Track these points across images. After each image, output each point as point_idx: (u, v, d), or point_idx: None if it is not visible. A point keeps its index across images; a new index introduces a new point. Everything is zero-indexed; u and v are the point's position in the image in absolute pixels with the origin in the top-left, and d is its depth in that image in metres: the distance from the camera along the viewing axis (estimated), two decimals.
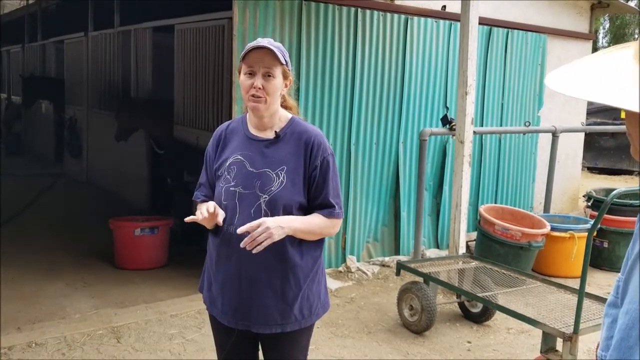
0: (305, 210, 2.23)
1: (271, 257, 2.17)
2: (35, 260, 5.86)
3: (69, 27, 10.71)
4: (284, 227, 2.10)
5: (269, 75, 2.15)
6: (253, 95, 2.15)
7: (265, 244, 2.06)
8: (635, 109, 0.79)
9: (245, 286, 2.19)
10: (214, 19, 6.21)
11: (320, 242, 2.31)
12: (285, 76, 2.21)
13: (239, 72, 2.23)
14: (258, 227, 2.05)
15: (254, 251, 2.06)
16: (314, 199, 2.22)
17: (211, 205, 2.15)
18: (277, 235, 2.08)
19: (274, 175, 2.17)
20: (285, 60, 2.19)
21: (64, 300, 4.93)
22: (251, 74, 2.16)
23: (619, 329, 0.94)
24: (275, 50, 2.14)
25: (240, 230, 2.06)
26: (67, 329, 4.30)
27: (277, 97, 2.20)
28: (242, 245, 2.06)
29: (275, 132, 2.24)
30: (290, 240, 2.18)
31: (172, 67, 7.16)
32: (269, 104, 2.18)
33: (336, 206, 2.24)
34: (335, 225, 2.28)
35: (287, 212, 2.16)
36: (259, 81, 2.14)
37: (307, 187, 2.21)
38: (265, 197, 2.15)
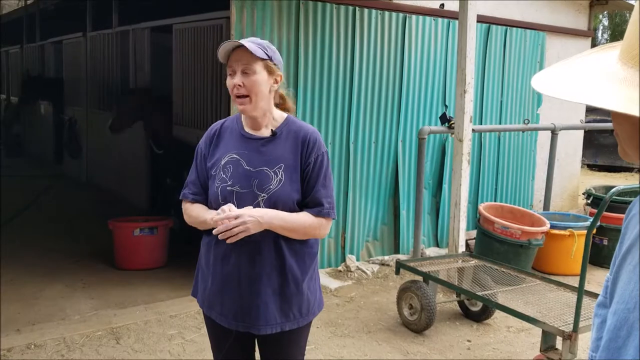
0: (301, 207, 2.22)
1: (269, 256, 2.16)
2: (34, 262, 5.85)
3: (67, 28, 10.71)
4: (262, 222, 2.07)
5: (247, 72, 2.12)
6: (237, 96, 2.14)
7: (240, 236, 2.05)
8: (622, 110, 0.78)
9: (246, 287, 2.17)
10: (212, 19, 6.20)
11: (317, 239, 2.30)
12: (269, 71, 2.16)
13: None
14: (235, 218, 2.04)
15: (227, 241, 2.05)
16: (305, 196, 2.20)
17: (243, 212, 2.08)
18: (253, 229, 2.06)
19: (272, 173, 2.15)
20: (268, 55, 2.14)
21: (64, 302, 4.92)
22: (232, 74, 2.15)
23: (607, 330, 0.94)
24: (250, 45, 2.10)
25: (215, 218, 2.05)
26: (67, 330, 4.30)
27: (263, 93, 2.16)
28: (214, 232, 2.06)
29: (272, 130, 2.22)
30: (288, 239, 2.17)
31: (170, 67, 7.15)
32: (254, 103, 2.15)
33: (326, 205, 2.20)
34: (323, 225, 2.22)
35: (285, 209, 2.15)
36: (237, 79, 2.12)
37: (302, 184, 2.20)
38: (264, 196, 2.13)
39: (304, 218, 2.17)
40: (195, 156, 2.32)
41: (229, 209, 2.07)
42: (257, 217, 2.06)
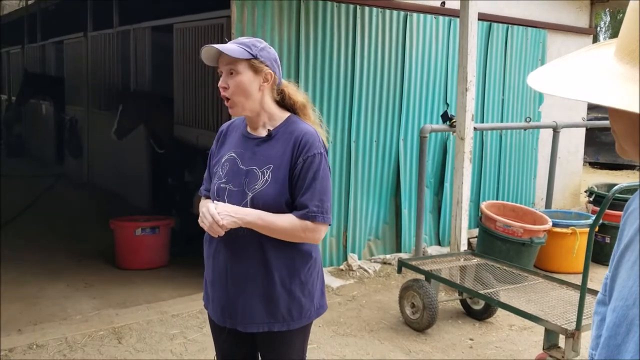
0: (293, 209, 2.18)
1: (255, 255, 2.16)
2: (36, 262, 5.85)
3: (68, 28, 10.71)
4: (234, 216, 2.08)
5: (231, 73, 2.12)
6: (224, 97, 2.16)
7: (217, 229, 2.05)
8: (619, 106, 0.77)
9: (232, 284, 2.19)
10: (212, 18, 6.20)
11: (313, 244, 2.25)
12: (255, 70, 2.13)
13: None
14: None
15: (212, 234, 2.08)
16: (294, 199, 2.15)
17: (212, 207, 2.12)
18: (227, 222, 2.06)
19: (260, 173, 2.15)
20: (252, 54, 2.12)
21: (65, 301, 4.92)
22: (220, 76, 2.17)
23: (606, 327, 0.94)
24: (230, 47, 2.10)
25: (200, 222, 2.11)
26: (68, 330, 4.30)
27: (249, 93, 2.14)
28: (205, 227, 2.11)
29: (268, 130, 2.21)
30: (274, 240, 2.14)
31: (171, 67, 7.15)
32: (240, 104, 2.15)
33: (312, 208, 2.11)
34: (310, 229, 2.12)
35: (271, 211, 2.11)
36: (222, 80, 2.14)
37: (291, 185, 2.16)
38: (250, 195, 2.14)
39: (285, 220, 2.11)
40: (209, 154, 2.40)
41: (207, 209, 2.09)
42: (230, 211, 2.09)
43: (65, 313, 4.67)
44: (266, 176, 2.14)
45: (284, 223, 2.11)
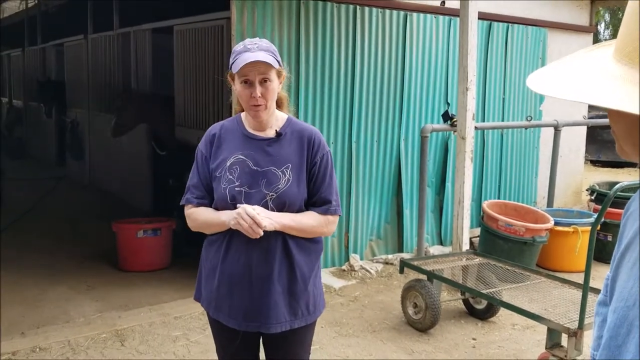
0: (308, 206, 2.26)
1: (279, 254, 2.19)
2: (38, 264, 5.86)
3: (68, 30, 10.72)
4: (272, 219, 2.11)
5: (266, 81, 2.14)
6: (255, 105, 2.15)
7: (257, 231, 2.04)
8: (618, 108, 0.77)
9: (257, 286, 2.19)
10: (212, 19, 6.20)
11: (321, 237, 2.33)
12: (279, 75, 2.22)
13: (232, 80, 2.20)
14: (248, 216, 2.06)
15: (250, 235, 2.06)
16: (312, 195, 2.25)
17: (249, 209, 2.08)
18: (267, 224, 2.08)
19: (280, 173, 2.18)
20: (278, 61, 2.17)
21: (68, 304, 4.92)
22: (246, 82, 2.14)
23: (607, 328, 0.94)
24: (268, 57, 2.10)
25: (235, 222, 2.08)
26: (71, 333, 4.30)
27: (275, 98, 2.22)
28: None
29: (276, 130, 2.24)
30: (296, 237, 2.21)
31: (172, 68, 7.15)
32: (269, 108, 2.20)
33: (333, 202, 2.26)
34: (331, 222, 2.27)
35: (293, 208, 2.19)
36: (258, 90, 2.12)
37: (308, 183, 2.24)
38: (272, 195, 2.16)
39: (311, 217, 2.23)
40: (195, 160, 2.31)
41: (245, 211, 2.06)
42: (269, 215, 2.12)
43: (67, 316, 4.68)
44: (287, 175, 2.19)
45: (310, 220, 2.22)
